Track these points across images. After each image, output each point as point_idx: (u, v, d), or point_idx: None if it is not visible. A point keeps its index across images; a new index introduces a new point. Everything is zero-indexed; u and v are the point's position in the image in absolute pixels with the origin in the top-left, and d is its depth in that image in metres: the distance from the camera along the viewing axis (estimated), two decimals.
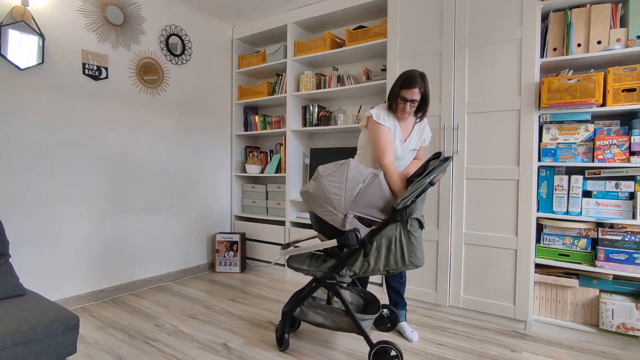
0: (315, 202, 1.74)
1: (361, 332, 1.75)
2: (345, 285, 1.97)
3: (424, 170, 1.75)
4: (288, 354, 1.90)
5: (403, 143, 1.98)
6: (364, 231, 1.70)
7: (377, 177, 1.72)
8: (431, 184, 1.63)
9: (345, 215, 1.68)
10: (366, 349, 1.95)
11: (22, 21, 2.19)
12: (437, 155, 1.80)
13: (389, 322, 2.17)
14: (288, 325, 1.95)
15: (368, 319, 1.80)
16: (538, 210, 2.18)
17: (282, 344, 1.94)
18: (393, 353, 1.71)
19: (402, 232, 1.69)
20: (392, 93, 1.91)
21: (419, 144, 2.06)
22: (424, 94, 1.87)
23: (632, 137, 1.95)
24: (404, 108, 1.88)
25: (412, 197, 1.62)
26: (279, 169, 3.45)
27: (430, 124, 2.45)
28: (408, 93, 1.83)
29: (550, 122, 2.15)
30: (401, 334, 2.13)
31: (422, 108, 1.93)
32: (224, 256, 3.42)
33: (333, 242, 1.71)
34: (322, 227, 1.80)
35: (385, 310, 2.20)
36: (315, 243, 1.80)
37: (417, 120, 2.02)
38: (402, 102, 1.86)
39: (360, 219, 1.73)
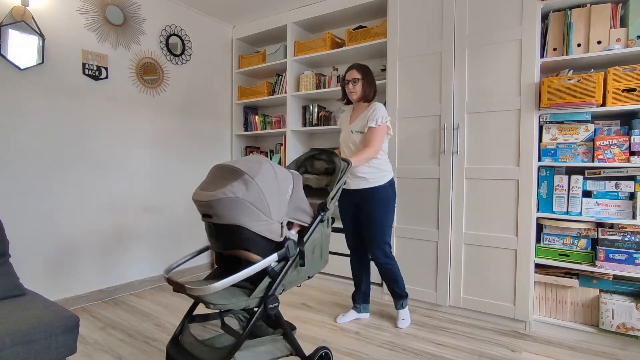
0: (244, 211, 1.33)
1: (298, 352, 1.52)
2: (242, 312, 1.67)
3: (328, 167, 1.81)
4: None
5: (348, 125, 2.24)
6: (293, 237, 1.51)
7: (299, 178, 1.60)
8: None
9: (282, 223, 1.45)
10: (370, 351, 1.95)
11: (22, 21, 2.19)
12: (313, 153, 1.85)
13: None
14: None
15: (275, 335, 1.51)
16: (538, 210, 2.18)
17: None
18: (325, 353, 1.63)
19: (323, 232, 1.63)
20: (341, 86, 2.25)
21: (363, 127, 2.12)
22: (363, 76, 2.15)
23: (632, 137, 1.95)
24: (348, 89, 2.18)
25: (337, 197, 1.64)
26: None
27: (430, 124, 2.46)
28: (347, 75, 2.18)
29: (550, 122, 2.15)
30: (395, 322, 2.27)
31: (366, 91, 2.16)
32: None
33: (274, 258, 1.39)
34: (248, 242, 1.39)
35: None
36: (245, 271, 1.32)
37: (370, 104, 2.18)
38: (345, 84, 2.18)
39: (291, 225, 1.57)
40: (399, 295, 2.26)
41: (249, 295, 1.39)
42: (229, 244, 1.43)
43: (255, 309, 1.42)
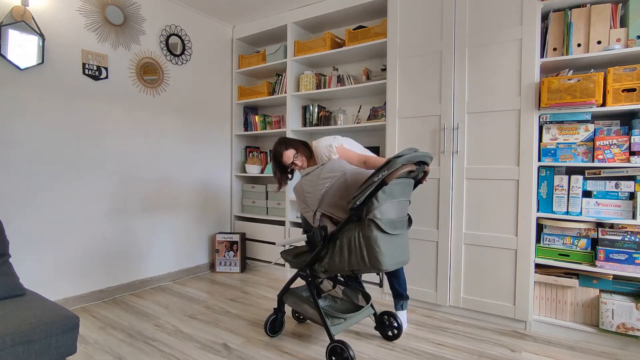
0: (297, 199, 1.93)
1: (324, 325, 1.79)
2: (323, 278, 2.05)
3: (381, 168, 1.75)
4: (287, 353, 1.90)
5: None
6: (331, 229, 1.74)
7: (344, 176, 1.76)
8: (384, 182, 1.55)
9: (315, 213, 1.78)
10: (370, 351, 1.96)
11: (22, 21, 2.19)
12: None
13: (390, 331, 2.08)
14: (283, 310, 2.08)
15: (337, 317, 1.83)
16: (538, 210, 2.18)
17: (273, 328, 2.08)
18: (346, 354, 1.71)
19: (360, 233, 1.65)
20: (279, 170, 2.25)
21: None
22: (296, 148, 2.20)
23: (632, 137, 1.95)
24: (296, 166, 2.21)
25: (362, 197, 1.58)
26: None
27: (430, 124, 2.46)
28: (284, 158, 2.19)
29: (550, 122, 2.15)
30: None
31: (302, 153, 2.22)
32: (224, 256, 3.42)
33: (303, 237, 1.89)
34: (303, 222, 2.05)
35: (385, 317, 2.10)
36: (297, 237, 1.97)
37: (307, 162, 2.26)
38: (291, 164, 2.20)
39: (332, 218, 1.77)
40: (399, 295, 2.23)
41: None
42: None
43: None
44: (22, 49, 2.21)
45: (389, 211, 1.67)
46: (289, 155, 2.19)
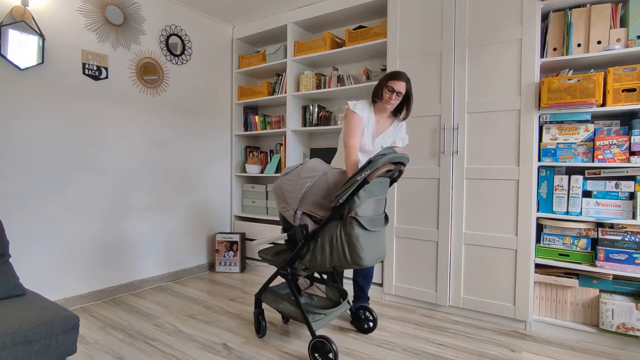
0: (276, 199, 1.92)
1: (306, 322, 1.81)
2: (303, 276, 2.08)
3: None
4: (286, 353, 1.90)
5: (375, 138, 2.10)
6: (312, 227, 1.77)
7: (325, 175, 1.78)
8: (365, 181, 1.62)
9: (295, 212, 1.79)
10: (370, 351, 1.96)
11: (22, 21, 2.19)
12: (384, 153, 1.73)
13: (366, 324, 2.16)
14: (261, 309, 2.08)
15: (318, 313, 1.86)
16: (538, 210, 2.18)
17: (259, 331, 2.07)
18: (328, 348, 1.74)
19: (342, 231, 1.68)
20: (379, 85, 2.04)
21: (394, 143, 2.15)
22: (408, 91, 2.02)
23: (632, 137, 1.95)
24: (389, 98, 2.00)
25: (345, 195, 1.63)
26: (279, 169, 3.45)
27: (430, 124, 2.46)
28: (395, 84, 1.98)
29: (550, 122, 2.15)
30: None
31: (404, 107, 2.09)
32: (224, 256, 3.42)
33: (284, 236, 1.88)
34: (282, 221, 2.03)
35: (361, 311, 2.18)
36: (276, 235, 1.96)
37: (398, 119, 2.15)
38: (389, 92, 1.99)
39: (312, 217, 1.79)
40: (366, 298, 2.30)
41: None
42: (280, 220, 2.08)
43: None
44: (22, 49, 2.21)
45: (367, 209, 1.72)
46: (402, 86, 1.97)
